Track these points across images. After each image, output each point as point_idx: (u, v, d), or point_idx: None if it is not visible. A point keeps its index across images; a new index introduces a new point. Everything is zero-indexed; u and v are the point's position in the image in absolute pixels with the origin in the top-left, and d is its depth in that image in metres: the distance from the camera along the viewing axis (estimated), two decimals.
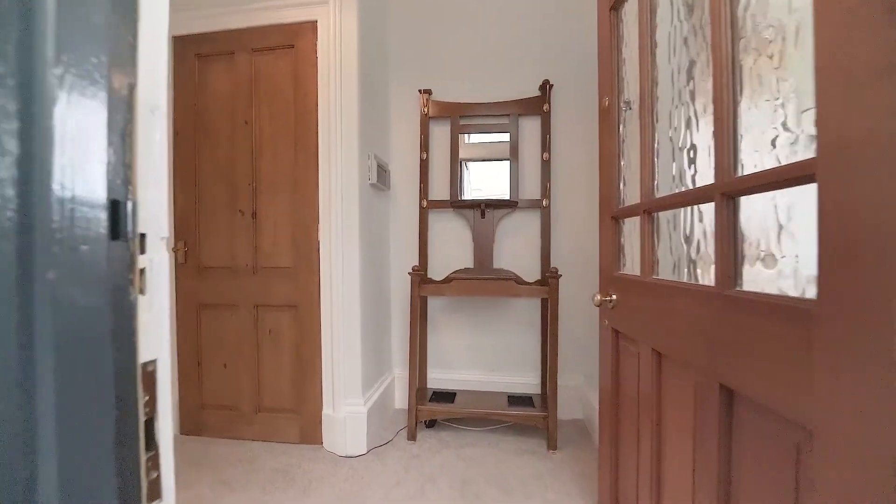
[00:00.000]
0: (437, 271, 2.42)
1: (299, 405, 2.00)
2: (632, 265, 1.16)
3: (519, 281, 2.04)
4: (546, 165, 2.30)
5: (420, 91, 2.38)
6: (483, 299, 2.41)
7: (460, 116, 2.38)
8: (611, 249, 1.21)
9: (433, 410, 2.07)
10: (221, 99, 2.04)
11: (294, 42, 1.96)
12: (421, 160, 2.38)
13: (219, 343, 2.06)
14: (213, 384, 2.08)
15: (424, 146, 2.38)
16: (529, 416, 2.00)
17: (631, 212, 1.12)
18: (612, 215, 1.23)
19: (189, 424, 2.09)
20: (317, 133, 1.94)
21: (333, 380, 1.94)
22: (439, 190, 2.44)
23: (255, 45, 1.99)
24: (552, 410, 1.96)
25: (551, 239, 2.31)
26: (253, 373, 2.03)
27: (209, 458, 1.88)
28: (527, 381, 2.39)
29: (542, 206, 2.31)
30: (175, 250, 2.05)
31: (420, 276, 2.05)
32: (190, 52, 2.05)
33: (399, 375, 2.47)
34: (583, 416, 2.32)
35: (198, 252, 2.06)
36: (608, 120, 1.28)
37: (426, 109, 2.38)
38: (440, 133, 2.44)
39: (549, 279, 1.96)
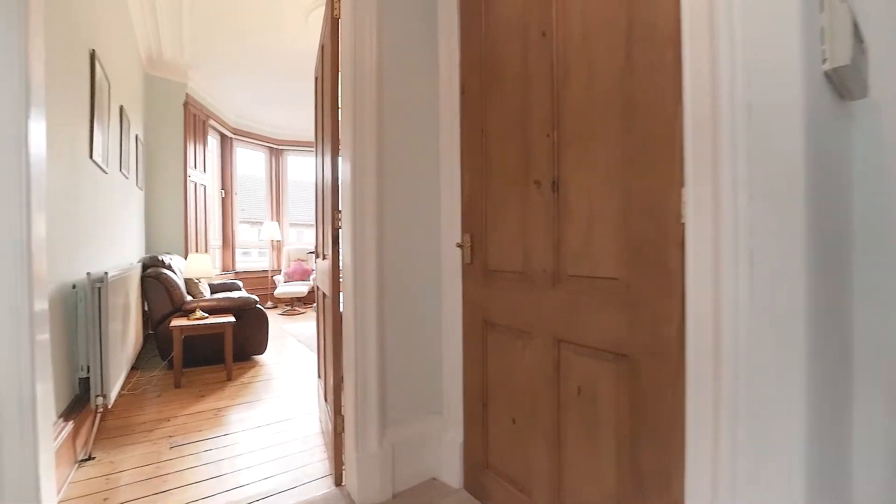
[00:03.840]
0: None
1: None
2: None
3: None
4: None
5: None
6: None
7: None
8: None
9: None
10: (510, 19, 1.35)
11: None
12: None
13: (506, 383, 1.39)
14: (499, 440, 1.43)
15: None
16: None
17: None
18: None
19: (472, 481, 1.54)
20: None
21: None
22: None
23: None
24: None
25: None
26: (551, 447, 1.22)
27: None
28: None
29: None
30: (461, 246, 1.54)
31: None
32: None
33: None
34: None
35: (485, 248, 1.47)
36: None
37: None
38: None
39: None
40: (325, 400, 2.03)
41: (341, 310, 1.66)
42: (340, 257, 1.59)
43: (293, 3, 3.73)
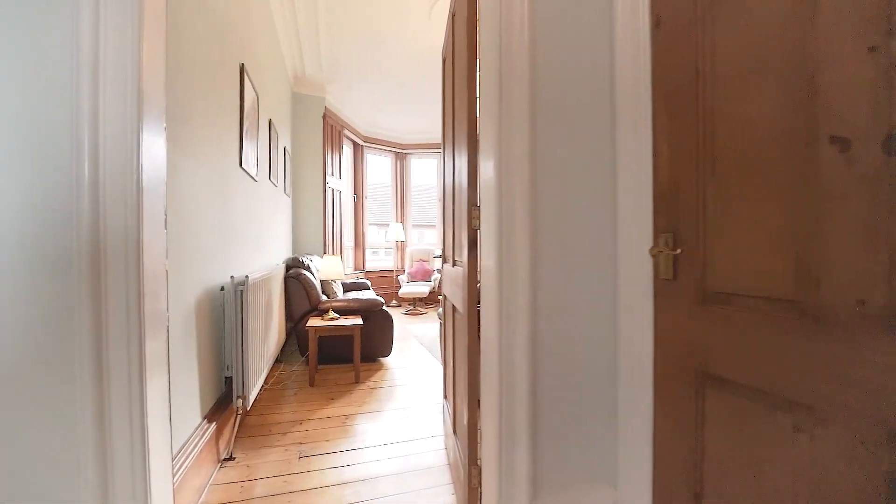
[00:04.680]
0: None
1: None
2: None
3: None
4: None
5: None
6: None
7: None
8: None
9: None
10: None
11: None
12: None
13: (750, 479, 0.85)
14: None
15: None
16: None
17: None
18: None
19: None
20: None
21: None
22: None
23: None
24: None
25: None
26: None
27: None
28: None
29: None
30: (658, 252, 1.04)
31: None
32: None
33: None
34: None
35: (701, 256, 0.95)
36: None
37: None
38: None
39: None
40: (454, 432, 1.72)
41: (477, 329, 1.32)
42: (478, 265, 1.25)
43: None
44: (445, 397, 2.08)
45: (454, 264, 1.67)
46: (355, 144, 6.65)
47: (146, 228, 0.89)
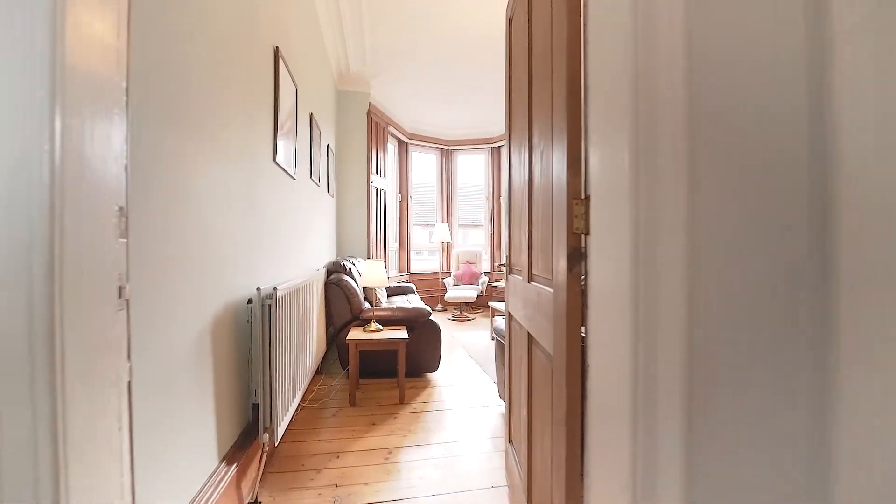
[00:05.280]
0: None
1: None
2: None
3: None
4: None
5: None
6: None
7: None
8: None
9: None
10: None
11: None
12: None
13: None
14: None
15: None
16: None
17: None
18: None
19: None
20: None
21: None
22: None
23: None
24: None
25: None
26: None
27: None
28: None
29: None
30: None
31: None
32: None
33: None
34: None
35: None
36: None
37: None
38: None
39: None
40: (528, 501, 1.31)
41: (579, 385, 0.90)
42: (589, 288, 0.83)
43: None
44: (511, 441, 1.67)
45: (531, 279, 1.25)
46: (400, 142, 6.40)
47: (71, 236, 0.58)
